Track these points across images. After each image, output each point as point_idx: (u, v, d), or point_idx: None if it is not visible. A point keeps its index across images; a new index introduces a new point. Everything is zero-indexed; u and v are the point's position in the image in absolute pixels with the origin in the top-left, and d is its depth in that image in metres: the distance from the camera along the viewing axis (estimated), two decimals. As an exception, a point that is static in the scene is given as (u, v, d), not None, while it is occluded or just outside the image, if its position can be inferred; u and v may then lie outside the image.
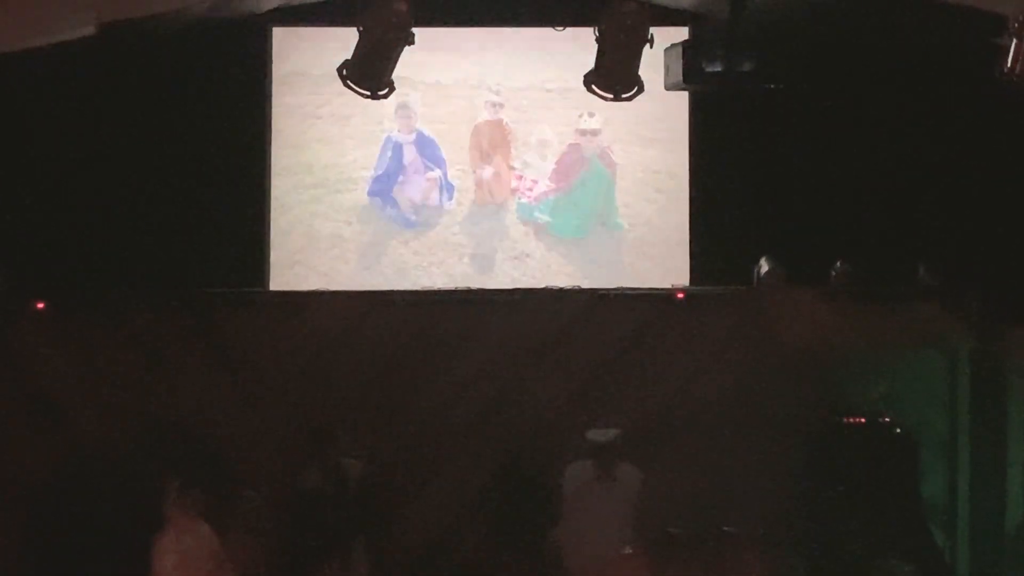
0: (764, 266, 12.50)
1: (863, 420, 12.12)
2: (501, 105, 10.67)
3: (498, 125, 10.82)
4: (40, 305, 11.94)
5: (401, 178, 10.99)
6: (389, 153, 11.05)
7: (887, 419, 12.14)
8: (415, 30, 9.85)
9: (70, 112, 12.04)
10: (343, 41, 10.02)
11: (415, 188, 10.95)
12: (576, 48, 9.67)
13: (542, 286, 11.58)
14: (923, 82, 12.02)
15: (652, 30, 9.94)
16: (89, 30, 9.60)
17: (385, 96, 10.14)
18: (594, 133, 9.75)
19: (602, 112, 10.01)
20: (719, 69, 11.32)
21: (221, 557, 10.48)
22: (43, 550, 11.56)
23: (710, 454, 12.19)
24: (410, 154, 10.94)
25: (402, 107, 11.17)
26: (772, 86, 11.60)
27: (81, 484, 11.64)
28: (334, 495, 11.63)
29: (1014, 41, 9.03)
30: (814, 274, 12.41)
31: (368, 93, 10.01)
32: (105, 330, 11.95)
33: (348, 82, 9.98)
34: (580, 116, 10.05)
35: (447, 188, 10.77)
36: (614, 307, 12.34)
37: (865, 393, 12.32)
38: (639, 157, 9.60)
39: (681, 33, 12.20)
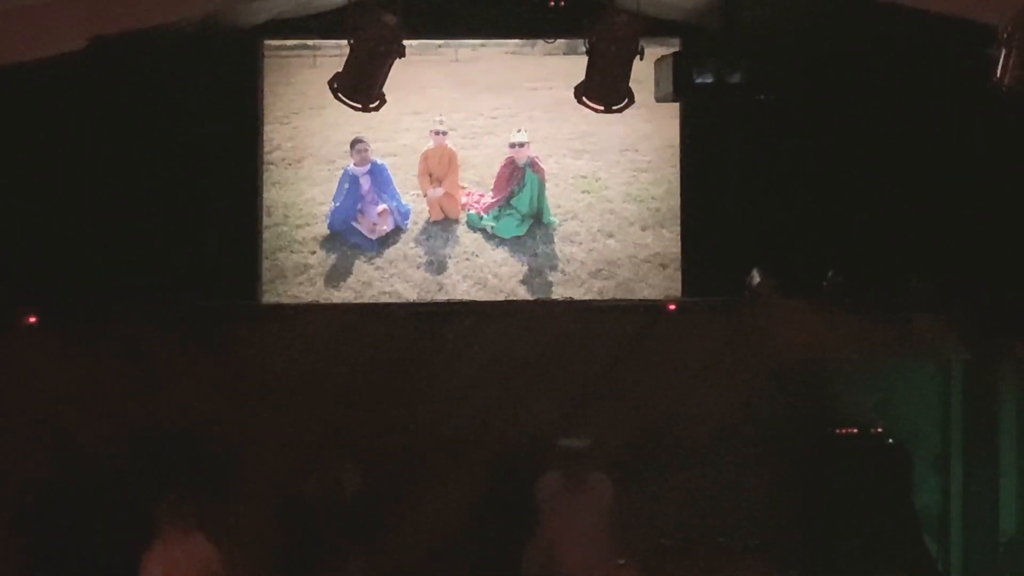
0: (755, 277, 12.50)
1: (856, 430, 12.12)
2: (446, 132, 11.40)
3: (444, 150, 11.56)
4: (32, 319, 11.95)
5: (360, 207, 11.64)
6: (347, 185, 11.60)
7: (880, 429, 12.14)
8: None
9: (61, 126, 12.02)
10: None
11: (371, 219, 11.67)
12: (518, 77, 10.32)
13: (486, 281, 12.02)
14: (914, 92, 12.03)
15: (642, 42, 9.93)
16: (80, 44, 9.60)
17: (376, 109, 10.12)
18: (522, 145, 10.87)
19: (533, 130, 11.16)
20: (710, 81, 11.35)
21: (213, 569, 10.46)
22: (37, 560, 11.54)
23: (703, 465, 12.19)
24: (365, 184, 11.56)
25: (358, 141, 11.75)
26: (763, 97, 11.63)
27: (75, 496, 11.64)
28: (328, 507, 11.63)
29: (1003, 51, 9.04)
30: (806, 285, 12.41)
31: (359, 106, 10.00)
32: (97, 343, 11.95)
33: (339, 95, 9.96)
34: (513, 132, 11.15)
35: (402, 214, 11.44)
36: (605, 318, 12.35)
37: (858, 404, 12.33)
38: (571, 165, 10.66)
39: (672, 45, 12.22)
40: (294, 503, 11.70)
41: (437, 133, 11.67)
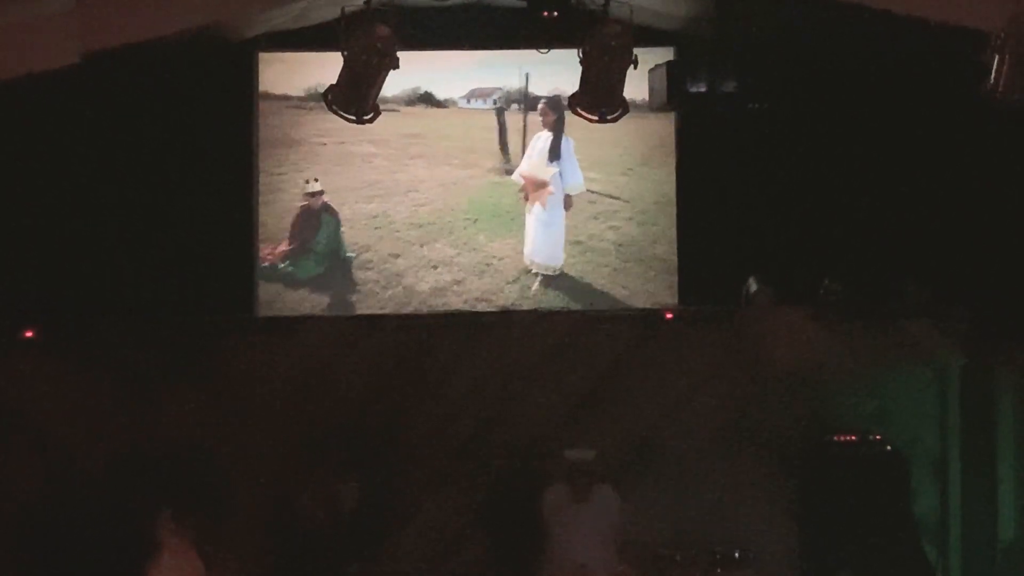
0: (752, 285, 12.51)
1: (854, 438, 12.11)
2: None
3: None
4: (29, 334, 11.95)
5: None
6: None
7: (878, 437, 12.13)
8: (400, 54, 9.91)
9: (54, 142, 12.04)
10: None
11: None
12: (307, 132, 11.48)
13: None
14: (908, 100, 12.04)
15: (636, 51, 9.95)
16: (74, 59, 9.59)
17: (370, 120, 10.14)
18: (318, 193, 11.88)
19: (326, 182, 12.09)
20: (703, 89, 11.39)
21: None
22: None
23: (701, 474, 12.19)
24: None
25: None
26: (756, 105, 11.65)
27: (72, 512, 11.62)
28: (327, 521, 11.62)
29: (996, 58, 9.04)
30: (803, 293, 12.41)
31: (353, 118, 10.00)
32: (94, 358, 11.95)
33: (333, 107, 9.96)
34: (307, 182, 11.99)
35: None
36: (603, 328, 12.36)
37: (855, 411, 12.32)
38: (363, 209, 11.94)
39: (666, 54, 12.23)
40: (292, 517, 11.68)
41: None
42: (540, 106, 12.57)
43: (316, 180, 11.89)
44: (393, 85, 11.51)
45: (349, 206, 12.03)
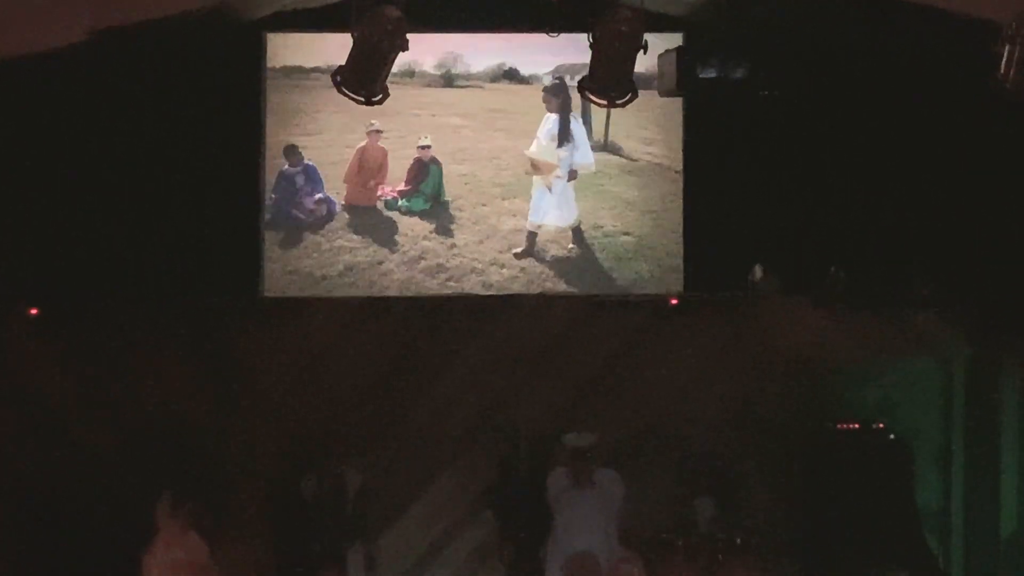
0: (758, 273, 12.50)
1: (857, 427, 12.12)
2: (380, 131, 13.36)
3: (379, 149, 13.44)
4: (34, 311, 11.95)
5: (297, 198, 13.37)
6: (283, 183, 13.34)
7: (881, 426, 12.14)
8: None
9: (62, 119, 12.00)
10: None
11: (308, 207, 13.43)
12: (400, 104, 12.57)
13: (407, 233, 13.37)
14: (917, 89, 12.01)
15: (646, 36, 9.91)
16: (82, 37, 9.58)
17: (380, 102, 10.09)
18: (427, 147, 13.37)
19: (432, 135, 13.48)
20: (713, 75, 11.37)
21: (212, 569, 10.42)
22: (33, 558, 11.53)
23: (705, 460, 12.20)
24: (300, 181, 13.40)
25: (290, 147, 13.29)
26: (766, 92, 11.62)
27: (72, 493, 11.62)
28: (330, 504, 11.62)
29: (1007, 47, 9.01)
30: (808, 281, 12.40)
31: (363, 99, 9.97)
32: (98, 337, 11.95)
33: (343, 88, 9.93)
34: (418, 138, 13.38)
35: (330, 203, 13.42)
36: (608, 314, 12.37)
37: (860, 399, 12.33)
38: (455, 169, 13.44)
39: (675, 39, 12.20)
40: (295, 500, 11.69)
41: (371, 132, 13.33)
42: (542, 93, 13.23)
43: (427, 136, 13.42)
44: (478, 63, 13.44)
45: (445, 166, 13.48)
